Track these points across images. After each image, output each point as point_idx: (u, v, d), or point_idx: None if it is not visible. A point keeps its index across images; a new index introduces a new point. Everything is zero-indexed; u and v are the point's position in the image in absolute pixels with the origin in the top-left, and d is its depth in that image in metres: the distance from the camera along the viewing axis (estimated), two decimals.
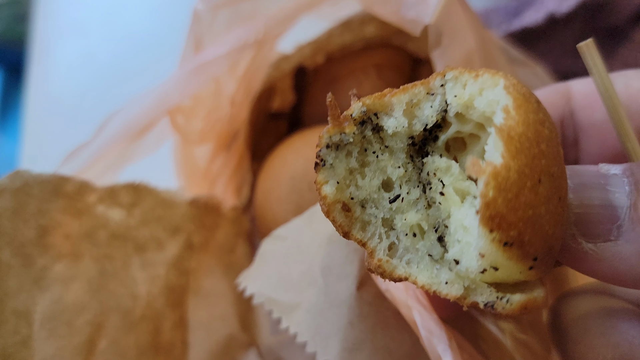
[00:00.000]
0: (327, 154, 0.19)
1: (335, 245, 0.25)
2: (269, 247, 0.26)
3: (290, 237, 0.26)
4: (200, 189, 0.33)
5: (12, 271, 0.25)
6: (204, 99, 0.30)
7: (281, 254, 0.26)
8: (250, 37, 0.28)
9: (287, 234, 0.26)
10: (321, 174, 0.19)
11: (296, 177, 0.28)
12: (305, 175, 0.28)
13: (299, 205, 0.27)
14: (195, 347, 0.29)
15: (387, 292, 0.23)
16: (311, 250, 0.25)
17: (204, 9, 0.28)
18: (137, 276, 0.29)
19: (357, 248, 0.25)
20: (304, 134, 0.30)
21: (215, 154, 0.33)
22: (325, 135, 0.19)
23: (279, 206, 0.27)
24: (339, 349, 0.24)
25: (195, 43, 0.29)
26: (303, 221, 0.26)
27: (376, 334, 0.24)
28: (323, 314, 0.25)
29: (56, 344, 0.25)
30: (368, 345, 0.24)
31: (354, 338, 0.24)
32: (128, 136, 0.27)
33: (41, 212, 0.26)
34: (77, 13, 0.60)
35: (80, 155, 0.27)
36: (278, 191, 0.28)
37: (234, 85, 0.31)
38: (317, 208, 0.26)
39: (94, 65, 0.56)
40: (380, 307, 0.25)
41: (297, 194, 0.27)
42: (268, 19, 0.28)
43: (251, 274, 0.26)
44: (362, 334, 0.24)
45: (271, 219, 0.28)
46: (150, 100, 0.27)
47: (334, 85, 0.35)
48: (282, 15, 0.29)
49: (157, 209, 0.30)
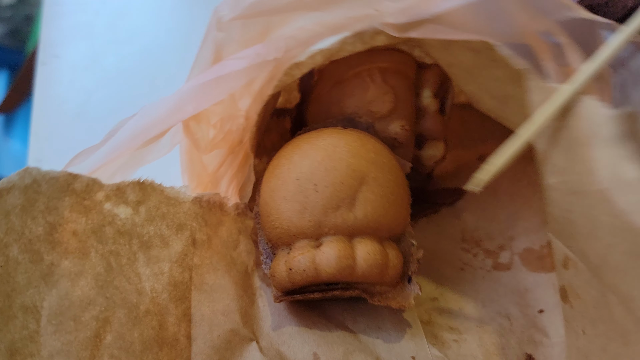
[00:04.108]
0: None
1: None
2: None
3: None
4: (205, 189, 0.34)
5: (20, 267, 0.26)
6: (217, 108, 0.31)
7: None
8: (270, 55, 0.28)
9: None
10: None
11: (301, 177, 0.28)
12: (311, 177, 0.28)
13: (303, 205, 0.28)
14: (198, 341, 0.29)
15: None
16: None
17: (228, 17, 0.28)
18: (142, 272, 0.29)
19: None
20: (311, 135, 0.31)
21: (223, 160, 0.33)
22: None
23: (284, 205, 0.28)
24: None
25: (215, 52, 0.29)
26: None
27: None
28: None
29: (63, 339, 0.26)
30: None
31: None
32: (140, 143, 0.27)
33: (49, 209, 0.27)
34: (83, 16, 0.61)
35: (87, 158, 0.27)
36: (284, 191, 0.28)
37: (248, 100, 0.32)
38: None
39: (100, 68, 0.56)
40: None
41: (302, 194, 0.28)
42: (289, 39, 0.29)
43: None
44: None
45: (276, 217, 0.29)
46: (165, 109, 0.27)
47: (339, 86, 0.36)
48: (303, 37, 0.29)
49: (162, 207, 0.30)
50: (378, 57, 0.36)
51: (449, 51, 0.33)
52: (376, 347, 0.31)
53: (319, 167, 0.29)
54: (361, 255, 0.28)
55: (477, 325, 0.33)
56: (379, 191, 0.29)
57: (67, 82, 0.55)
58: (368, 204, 0.29)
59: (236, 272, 0.33)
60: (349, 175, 0.29)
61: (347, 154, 0.29)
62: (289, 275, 0.29)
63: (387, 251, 0.29)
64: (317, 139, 0.31)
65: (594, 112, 0.21)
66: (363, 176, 0.29)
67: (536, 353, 0.32)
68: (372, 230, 0.29)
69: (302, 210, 0.28)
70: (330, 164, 0.29)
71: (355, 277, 0.28)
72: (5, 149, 0.67)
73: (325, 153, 0.29)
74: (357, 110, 0.35)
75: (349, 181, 0.29)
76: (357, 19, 0.29)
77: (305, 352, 0.30)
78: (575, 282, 0.26)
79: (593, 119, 0.21)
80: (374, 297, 0.30)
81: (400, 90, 0.35)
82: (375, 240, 0.29)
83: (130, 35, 0.59)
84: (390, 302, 0.30)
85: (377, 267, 0.28)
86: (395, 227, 0.30)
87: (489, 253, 0.38)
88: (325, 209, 0.28)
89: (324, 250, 0.28)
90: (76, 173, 0.27)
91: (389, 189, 0.30)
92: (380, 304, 0.30)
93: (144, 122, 0.27)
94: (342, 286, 0.30)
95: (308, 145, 0.30)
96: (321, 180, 0.28)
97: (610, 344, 0.23)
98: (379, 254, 0.28)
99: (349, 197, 0.29)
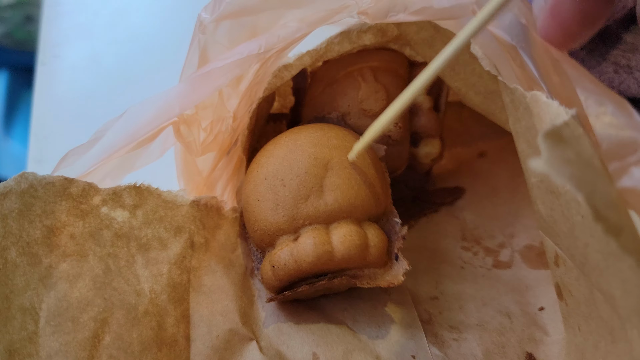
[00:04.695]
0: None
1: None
2: None
3: None
4: (201, 192, 0.34)
5: (18, 270, 0.26)
6: (207, 111, 0.31)
7: None
8: (253, 52, 0.29)
9: None
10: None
11: (269, 176, 0.29)
12: (277, 174, 0.29)
13: (275, 202, 0.28)
14: (197, 342, 0.29)
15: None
16: None
17: (209, 19, 0.28)
18: (141, 274, 0.29)
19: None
20: (278, 136, 0.31)
21: (216, 163, 0.34)
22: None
23: (258, 205, 0.29)
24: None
25: (200, 54, 0.29)
26: None
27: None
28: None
29: (61, 340, 0.26)
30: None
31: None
32: (130, 145, 0.27)
33: (46, 213, 0.27)
34: (83, 16, 0.61)
35: (77, 160, 0.27)
36: (256, 192, 0.29)
37: (236, 100, 0.32)
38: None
39: (100, 68, 0.56)
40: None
41: (272, 192, 0.29)
42: (269, 36, 0.29)
43: None
44: None
45: (254, 220, 0.29)
46: (153, 109, 0.27)
47: (332, 87, 0.36)
48: (284, 33, 0.29)
49: (160, 210, 0.31)
50: (369, 57, 0.36)
51: (433, 49, 0.33)
52: (376, 346, 0.31)
53: (283, 163, 0.29)
54: (337, 239, 0.28)
55: (478, 324, 0.33)
56: (345, 174, 0.29)
57: (67, 82, 0.55)
58: (336, 189, 0.29)
59: (235, 273, 0.33)
60: (311, 164, 0.29)
61: (308, 144, 0.30)
62: (274, 273, 0.29)
63: (365, 231, 0.29)
64: (279, 137, 0.31)
65: (546, 111, 0.21)
66: (326, 162, 0.29)
67: (537, 351, 0.31)
68: (346, 213, 0.29)
69: (274, 207, 0.29)
70: (293, 156, 0.29)
71: (337, 263, 0.28)
72: (5, 149, 0.67)
73: (287, 148, 0.30)
74: (349, 110, 0.35)
75: (313, 170, 0.29)
76: (336, 11, 0.29)
77: (304, 352, 0.30)
78: (566, 279, 0.26)
79: (546, 118, 0.21)
80: (362, 280, 0.30)
81: (392, 88, 0.35)
82: (352, 222, 0.29)
83: (130, 35, 0.59)
84: (379, 282, 0.30)
85: (356, 248, 0.28)
86: (372, 208, 0.30)
87: (489, 251, 0.38)
88: (296, 200, 0.28)
89: (300, 241, 0.28)
90: (72, 178, 0.28)
91: (357, 171, 0.30)
92: (369, 285, 0.30)
93: (132, 124, 0.27)
94: (330, 276, 0.30)
95: (271, 145, 0.31)
96: (287, 174, 0.29)
97: (601, 341, 0.23)
98: (355, 234, 0.28)
99: (317, 185, 0.29)
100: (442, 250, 0.39)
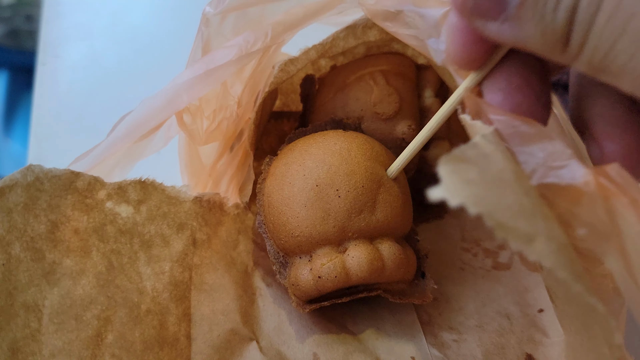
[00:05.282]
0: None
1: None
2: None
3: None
4: (205, 187, 0.34)
5: (22, 265, 0.26)
6: (210, 99, 0.31)
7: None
8: (257, 41, 0.29)
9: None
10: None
11: (321, 183, 0.28)
12: (332, 183, 0.28)
13: (326, 212, 0.28)
14: (198, 341, 0.29)
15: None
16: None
17: (212, 13, 0.29)
18: (143, 271, 0.29)
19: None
20: (316, 140, 0.30)
21: (221, 153, 0.33)
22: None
23: (305, 212, 0.28)
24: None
25: (203, 46, 0.29)
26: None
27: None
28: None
29: (64, 338, 0.26)
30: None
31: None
32: (136, 137, 0.28)
33: (51, 207, 0.27)
34: (83, 16, 0.61)
35: (89, 155, 0.27)
36: (302, 198, 0.28)
37: (240, 87, 0.32)
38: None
39: (100, 68, 0.56)
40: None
41: (324, 201, 0.28)
42: (274, 25, 0.29)
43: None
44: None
45: (296, 225, 0.28)
46: (159, 102, 0.27)
47: (343, 92, 0.36)
48: (288, 21, 0.29)
49: (163, 206, 0.31)
50: (378, 61, 0.36)
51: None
52: (376, 347, 0.31)
53: (338, 172, 0.29)
54: (388, 256, 0.29)
55: (477, 325, 0.33)
56: (394, 192, 0.30)
57: (67, 82, 0.55)
58: (387, 206, 0.29)
59: (236, 271, 0.33)
60: (368, 178, 0.29)
61: (362, 158, 0.30)
62: (317, 283, 0.29)
63: (405, 250, 0.30)
64: (327, 144, 0.31)
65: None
66: (379, 178, 0.30)
67: (536, 353, 0.32)
68: (391, 230, 0.30)
69: (325, 217, 0.28)
70: (349, 168, 0.29)
71: (383, 278, 0.29)
72: (5, 149, 0.67)
73: (341, 157, 0.30)
74: (362, 114, 0.35)
75: (369, 184, 0.29)
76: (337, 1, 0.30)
77: (305, 352, 0.30)
78: (548, 281, 0.26)
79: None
80: (394, 295, 0.31)
81: (403, 91, 0.35)
82: (394, 239, 0.30)
83: (130, 35, 0.59)
84: (412, 299, 0.31)
85: (403, 267, 0.29)
86: (408, 225, 0.31)
87: (488, 253, 0.38)
88: (349, 213, 0.28)
89: (352, 255, 0.28)
90: (78, 171, 0.28)
91: (401, 189, 0.30)
92: (401, 301, 0.31)
93: (140, 116, 0.27)
94: (365, 288, 0.31)
95: (320, 151, 0.30)
96: (343, 186, 0.29)
97: (584, 339, 0.24)
98: (402, 253, 0.29)
99: (371, 200, 0.29)
100: (441, 251, 0.39)
